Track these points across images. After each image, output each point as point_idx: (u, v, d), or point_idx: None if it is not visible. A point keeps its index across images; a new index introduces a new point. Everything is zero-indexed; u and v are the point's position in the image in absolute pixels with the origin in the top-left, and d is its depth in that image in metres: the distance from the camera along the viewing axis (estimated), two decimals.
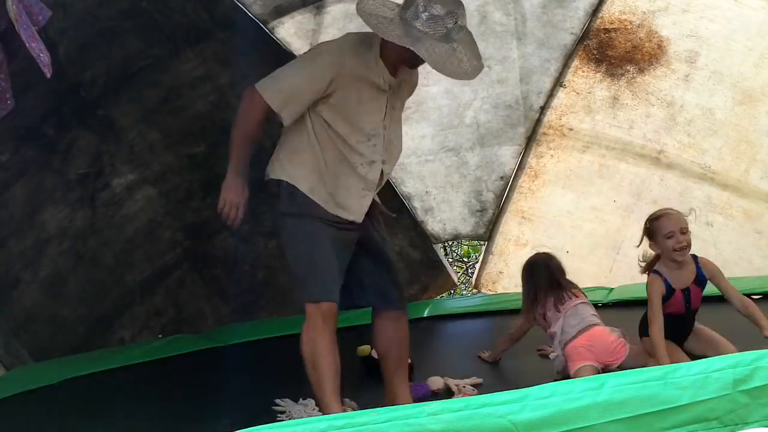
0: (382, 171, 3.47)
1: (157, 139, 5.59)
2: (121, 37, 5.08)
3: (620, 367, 3.74)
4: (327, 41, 3.92)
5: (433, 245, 6.64)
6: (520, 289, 6.62)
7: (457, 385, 3.99)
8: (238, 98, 5.65)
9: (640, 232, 3.97)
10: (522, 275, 4.39)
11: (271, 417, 3.54)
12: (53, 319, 5.38)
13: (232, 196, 3.40)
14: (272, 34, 5.49)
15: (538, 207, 6.37)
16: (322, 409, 3.30)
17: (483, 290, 6.72)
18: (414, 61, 3.36)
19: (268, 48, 5.51)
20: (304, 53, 4.02)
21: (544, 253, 4.51)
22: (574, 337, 3.88)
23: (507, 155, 6.23)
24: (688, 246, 3.74)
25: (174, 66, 5.38)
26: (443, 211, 6.46)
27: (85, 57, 5.00)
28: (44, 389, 4.43)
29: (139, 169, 5.59)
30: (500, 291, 6.58)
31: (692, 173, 5.77)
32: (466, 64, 3.32)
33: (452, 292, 7.43)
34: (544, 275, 4.21)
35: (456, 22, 3.26)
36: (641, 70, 5.70)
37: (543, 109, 6.02)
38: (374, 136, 3.39)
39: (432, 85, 5.82)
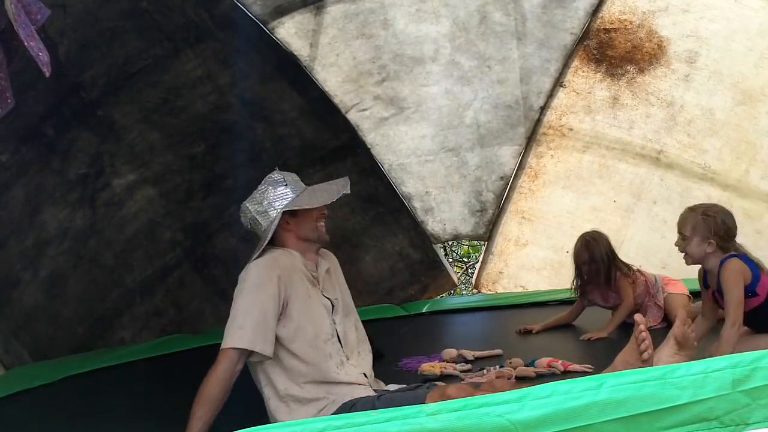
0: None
1: (157, 139, 5.59)
2: (121, 37, 5.07)
3: None
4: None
5: (433, 245, 6.64)
6: (520, 289, 6.65)
7: (473, 356, 4.18)
8: (238, 98, 5.75)
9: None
10: (579, 257, 4.74)
11: None
12: (53, 319, 5.38)
13: None
14: (272, 34, 5.49)
15: (538, 207, 6.37)
16: None
17: (483, 290, 6.72)
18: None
19: (268, 48, 5.52)
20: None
21: (594, 231, 4.86)
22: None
23: (507, 155, 6.23)
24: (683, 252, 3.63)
25: (174, 66, 5.37)
26: (443, 211, 6.46)
27: (85, 57, 4.99)
28: (44, 387, 4.45)
29: (139, 169, 5.59)
30: (500, 291, 6.58)
31: (692, 173, 5.77)
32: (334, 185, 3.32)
33: (452, 292, 7.43)
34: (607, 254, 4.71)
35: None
36: (641, 70, 5.70)
37: (543, 109, 6.02)
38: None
39: (432, 85, 5.82)
